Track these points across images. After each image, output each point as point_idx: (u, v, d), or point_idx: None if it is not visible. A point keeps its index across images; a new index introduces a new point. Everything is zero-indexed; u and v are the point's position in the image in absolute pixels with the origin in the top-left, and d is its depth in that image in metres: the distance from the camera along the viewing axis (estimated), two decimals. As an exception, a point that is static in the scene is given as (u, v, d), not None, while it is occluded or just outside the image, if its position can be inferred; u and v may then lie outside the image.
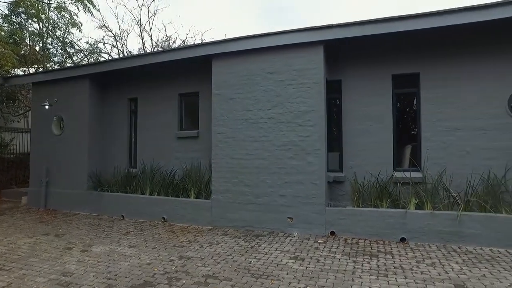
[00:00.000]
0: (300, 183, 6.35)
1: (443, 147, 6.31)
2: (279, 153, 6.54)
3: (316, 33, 6.37)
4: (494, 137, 6.04)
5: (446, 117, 6.31)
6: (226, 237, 6.20)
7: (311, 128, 6.34)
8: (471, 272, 4.38)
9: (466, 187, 5.96)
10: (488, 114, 6.09)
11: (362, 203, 6.34)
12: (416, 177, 6.32)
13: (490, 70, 6.12)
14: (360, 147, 6.73)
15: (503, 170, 5.92)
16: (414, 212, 5.80)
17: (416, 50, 6.53)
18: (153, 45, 19.67)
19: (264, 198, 6.60)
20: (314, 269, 4.55)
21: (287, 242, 5.86)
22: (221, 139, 7.02)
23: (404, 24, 5.88)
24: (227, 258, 5.03)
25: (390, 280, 4.16)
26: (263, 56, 6.76)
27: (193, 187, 7.44)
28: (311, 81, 6.40)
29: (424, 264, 4.66)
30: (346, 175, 6.77)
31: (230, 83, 7.01)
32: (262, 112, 6.70)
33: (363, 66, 6.82)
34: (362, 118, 6.76)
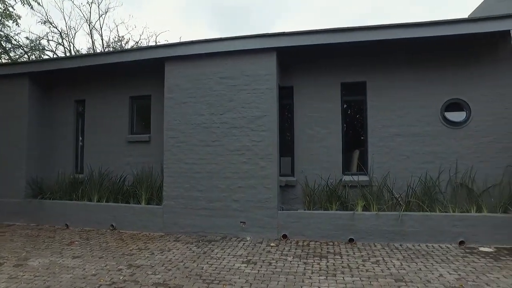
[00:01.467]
0: (253, 187, 6.41)
1: (386, 152, 6.72)
2: (232, 157, 6.55)
3: (269, 40, 6.53)
4: (429, 142, 6.57)
5: (389, 124, 6.74)
6: (178, 244, 6.07)
7: (264, 133, 6.44)
8: (409, 267, 4.71)
9: (406, 189, 6.40)
10: (423, 122, 6.61)
11: (313, 206, 6.54)
12: (363, 181, 6.66)
13: (426, 80, 6.66)
14: (311, 152, 6.96)
15: (437, 172, 6.45)
16: (361, 214, 6.11)
17: (363, 60, 6.92)
18: (104, 45, 18.86)
19: (217, 203, 6.57)
20: (266, 272, 4.61)
21: (240, 246, 5.87)
22: (174, 144, 6.89)
23: (346, 35, 6.30)
24: (178, 265, 4.93)
25: (338, 279, 4.33)
26: (217, 60, 6.77)
27: (144, 192, 7.21)
28: (264, 87, 6.52)
29: (370, 262, 4.92)
30: (297, 179, 6.95)
31: (183, 87, 6.92)
32: (215, 117, 6.69)
33: (314, 73, 7.08)
34: (313, 123, 7.00)
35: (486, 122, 6.43)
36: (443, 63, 6.62)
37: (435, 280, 4.23)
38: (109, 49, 17.87)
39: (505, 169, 6.28)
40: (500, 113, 6.39)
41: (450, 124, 6.55)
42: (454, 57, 6.59)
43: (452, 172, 6.43)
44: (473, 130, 6.46)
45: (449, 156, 6.49)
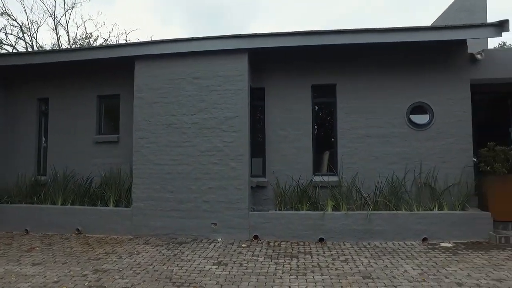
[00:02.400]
0: (224, 188, 6.38)
1: (355, 153, 6.90)
2: (203, 158, 6.50)
3: (241, 41, 6.54)
4: (396, 143, 6.81)
5: (358, 126, 6.92)
6: (148, 246, 5.93)
7: (235, 134, 6.43)
8: (376, 264, 4.86)
9: (374, 189, 6.60)
10: (391, 124, 6.85)
11: (284, 207, 6.60)
12: (333, 181, 6.79)
13: (393, 84, 6.92)
14: (282, 153, 7.02)
15: (403, 173, 6.71)
16: (331, 214, 6.23)
17: (334, 63, 7.07)
18: (71, 41, 18.12)
19: (188, 204, 6.48)
20: (237, 273, 4.59)
21: (211, 248, 5.82)
22: (143, 144, 6.73)
23: (317, 38, 6.46)
24: (148, 268, 4.82)
25: (308, 278, 4.39)
26: (188, 60, 6.70)
27: (112, 194, 6.98)
28: (236, 88, 6.51)
29: (339, 261, 5.03)
30: (269, 180, 6.99)
31: (153, 87, 6.78)
32: (186, 117, 6.61)
33: (285, 75, 7.15)
34: (284, 125, 7.06)
35: (447, 124, 6.75)
36: (409, 67, 6.90)
37: (400, 275, 4.39)
38: (76, 46, 17.17)
39: (463, 169, 6.62)
40: (459, 116, 6.74)
41: (415, 126, 6.83)
42: (419, 63, 6.88)
43: (417, 172, 6.70)
44: (436, 132, 6.77)
45: (414, 157, 6.76)
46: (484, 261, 4.93)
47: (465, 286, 4.02)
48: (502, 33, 6.15)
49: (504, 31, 6.11)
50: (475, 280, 4.21)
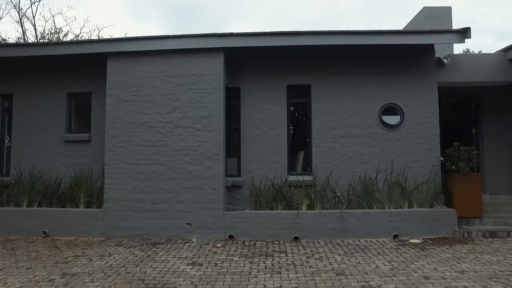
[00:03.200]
0: (199, 188, 6.33)
1: (330, 152, 7.03)
2: (177, 158, 6.41)
3: (216, 40, 6.52)
4: (369, 143, 7.00)
5: (332, 126, 7.05)
6: (120, 248, 5.78)
7: (210, 133, 6.40)
8: (349, 261, 4.97)
9: (348, 188, 6.76)
10: (364, 124, 7.03)
11: (259, 206, 6.61)
12: (307, 180, 6.88)
13: (367, 85, 7.10)
14: (257, 152, 7.04)
15: (375, 172, 6.90)
16: (305, 213, 6.31)
17: (308, 64, 7.17)
18: (38, 35, 17.34)
19: (162, 204, 6.37)
20: (211, 273, 4.56)
21: (185, 248, 5.75)
22: (116, 143, 6.56)
23: (292, 39, 6.54)
24: (119, 270, 4.69)
25: (283, 276, 4.42)
26: (163, 58, 6.59)
27: (83, 195, 6.75)
28: (211, 87, 6.48)
29: (313, 259, 5.10)
30: (244, 179, 6.99)
31: (126, 84, 6.62)
32: (160, 116, 6.50)
33: (261, 75, 7.18)
34: (259, 124, 7.09)
35: (417, 125, 7.01)
36: (381, 70, 7.11)
37: (372, 271, 4.51)
38: (44, 40, 16.41)
39: (431, 168, 6.90)
40: (428, 117, 7.02)
41: (387, 126, 7.04)
42: (391, 66, 7.10)
43: (388, 171, 6.91)
44: (406, 132, 7.01)
45: (386, 157, 6.97)
46: (449, 255, 5.18)
47: (432, 279, 4.20)
48: (465, 40, 6.50)
49: (467, 38, 6.45)
50: (441, 273, 4.42)
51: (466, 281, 4.15)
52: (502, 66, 7.41)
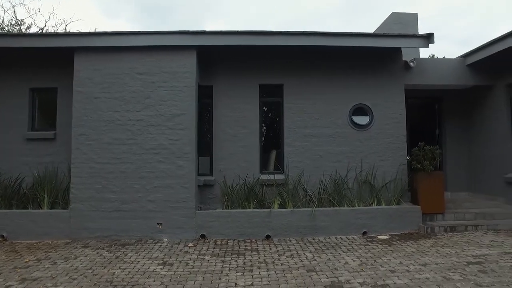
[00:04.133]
0: (170, 187, 6.23)
1: (301, 151, 7.12)
2: (148, 156, 6.28)
3: (189, 38, 6.45)
4: (339, 143, 7.16)
5: (304, 125, 7.15)
6: (87, 250, 5.57)
7: (181, 131, 6.31)
8: (320, 258, 5.06)
9: (319, 186, 6.87)
10: (335, 124, 7.19)
11: (231, 205, 6.60)
12: (279, 179, 6.94)
13: (338, 86, 7.26)
14: (230, 151, 7.02)
15: (345, 170, 7.07)
16: (277, 211, 6.36)
17: (281, 64, 7.24)
18: (-5, 26, 16.32)
19: (132, 204, 6.22)
20: (182, 273, 4.50)
21: (156, 248, 5.64)
22: (83, 142, 6.33)
23: (264, 38, 6.58)
24: (86, 273, 4.52)
25: (254, 274, 4.43)
26: (134, 55, 6.44)
27: (47, 196, 6.45)
28: (183, 85, 6.40)
29: (285, 257, 5.15)
30: (216, 178, 6.95)
31: (95, 81, 6.41)
32: (131, 114, 6.34)
33: (234, 74, 7.17)
34: (231, 123, 7.07)
35: (385, 125, 7.25)
36: (352, 71, 7.30)
37: (342, 267, 4.61)
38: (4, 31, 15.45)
39: (398, 167, 7.16)
40: (395, 118, 7.27)
41: (357, 126, 7.23)
42: (361, 67, 7.31)
43: (358, 170, 7.10)
44: (375, 132, 7.23)
45: (356, 156, 7.16)
46: (414, 249, 5.40)
47: (397, 272, 4.37)
48: (429, 45, 6.82)
49: (431, 43, 6.78)
50: (405, 266, 4.60)
51: (428, 273, 4.34)
52: (462, 71, 7.85)
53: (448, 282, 4.03)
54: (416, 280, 4.10)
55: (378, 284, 3.99)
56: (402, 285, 3.94)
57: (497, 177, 7.56)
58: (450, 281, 4.07)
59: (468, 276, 4.23)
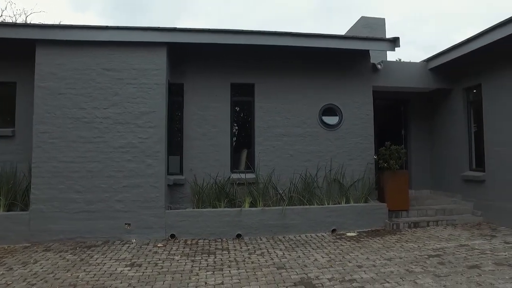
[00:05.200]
0: (139, 186, 6.08)
1: (272, 151, 7.18)
2: (116, 155, 6.09)
3: (160, 34, 6.33)
4: (309, 142, 7.28)
5: (274, 125, 7.22)
6: (49, 253, 5.31)
7: (151, 129, 6.18)
8: (290, 255, 5.12)
9: (289, 185, 6.96)
10: (305, 123, 7.30)
11: (201, 205, 6.53)
12: (250, 178, 6.95)
13: (308, 86, 7.37)
14: (200, 150, 6.96)
15: (315, 169, 7.19)
16: (248, 210, 6.37)
17: (253, 63, 7.26)
18: None
19: (99, 204, 6.00)
20: (151, 274, 4.40)
21: (124, 249, 5.48)
22: (46, 140, 6.03)
23: (235, 37, 6.56)
24: (47, 278, 4.29)
25: (224, 273, 4.41)
26: (102, 50, 6.23)
27: (4, 197, 6.09)
28: (153, 82, 6.27)
29: (255, 255, 5.16)
30: (186, 177, 6.86)
31: (59, 76, 6.14)
32: (98, 111, 6.13)
33: (205, 72, 7.11)
34: (202, 122, 7.01)
35: (354, 125, 7.46)
36: (322, 72, 7.44)
37: (311, 264, 4.69)
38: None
39: (366, 166, 7.38)
40: (364, 118, 7.50)
41: (326, 126, 7.38)
42: (331, 68, 7.47)
43: (328, 169, 7.25)
44: (344, 132, 7.42)
45: (325, 155, 7.31)
46: (380, 245, 5.59)
47: (364, 267, 4.50)
48: (395, 48, 7.09)
49: (397, 46, 7.05)
50: (372, 261, 4.75)
51: (392, 267, 4.51)
52: (425, 75, 8.25)
53: (411, 275, 4.21)
54: (382, 274, 4.24)
55: (346, 279, 4.09)
56: (368, 279, 4.07)
57: (455, 176, 8.00)
58: (412, 273, 4.25)
59: (428, 268, 4.44)
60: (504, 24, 6.19)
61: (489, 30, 6.53)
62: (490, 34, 6.51)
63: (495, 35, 6.40)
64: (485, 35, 6.63)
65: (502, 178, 6.78)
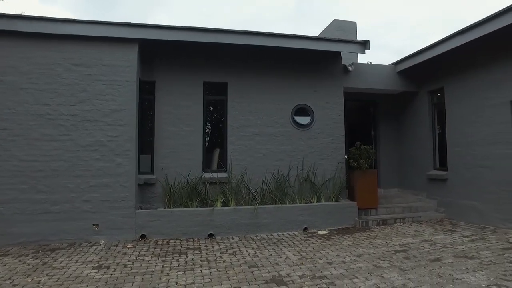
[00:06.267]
0: (108, 186, 5.89)
1: (245, 150, 7.18)
2: (83, 154, 5.87)
3: (131, 30, 6.17)
4: (281, 142, 7.35)
5: (247, 124, 7.22)
6: (7, 258, 5.00)
7: (121, 127, 6.01)
8: (262, 254, 5.14)
9: (262, 184, 6.99)
10: (278, 123, 7.37)
11: (173, 204, 6.44)
12: (222, 177, 6.92)
13: (281, 86, 7.44)
14: (172, 149, 6.85)
15: (287, 169, 7.27)
16: (220, 209, 6.33)
17: (226, 62, 7.24)
18: None
19: (64, 205, 5.76)
20: (120, 275, 4.27)
21: (91, 251, 5.29)
22: (6, 137, 5.71)
23: (207, 36, 6.48)
24: (3, 284, 4.01)
25: (196, 272, 4.36)
26: (69, 45, 5.98)
27: (-40, 198, 5.72)
28: (124, 79, 6.10)
29: (227, 254, 5.14)
30: (157, 177, 6.73)
31: (21, 70, 5.83)
32: (64, 108, 5.88)
33: (178, 70, 7.01)
34: (174, 120, 6.90)
35: (325, 125, 7.60)
36: (295, 72, 7.53)
37: (282, 262, 4.73)
38: None
39: (337, 165, 7.54)
40: (335, 118, 7.66)
41: (298, 126, 7.48)
42: (303, 69, 7.58)
43: (300, 168, 7.34)
44: (316, 132, 7.55)
45: (297, 154, 7.40)
46: (350, 242, 5.73)
47: (334, 264, 4.60)
48: (365, 51, 7.28)
49: (367, 49, 7.25)
50: (342, 258, 4.86)
51: (361, 262, 4.63)
52: (393, 77, 8.55)
53: (378, 270, 4.34)
54: (351, 270, 4.35)
55: (316, 276, 4.16)
56: (338, 275, 4.16)
57: (421, 175, 8.34)
58: (380, 268, 4.39)
59: (395, 263, 4.60)
60: (463, 32, 6.60)
61: (450, 37, 6.91)
62: (452, 41, 6.89)
63: (456, 42, 6.80)
64: (447, 42, 7.01)
65: (462, 177, 7.16)
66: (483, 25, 6.19)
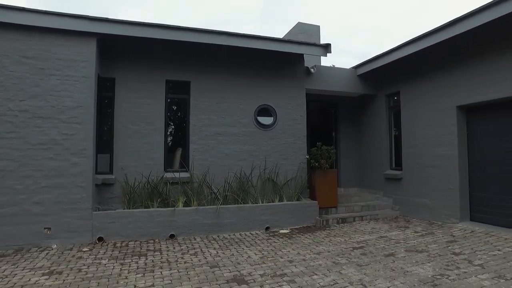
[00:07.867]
0: (62, 186, 5.59)
1: (207, 149, 7.12)
2: (34, 153, 5.52)
3: (89, 24, 5.89)
4: (244, 142, 7.38)
5: (210, 123, 7.17)
6: None
7: (77, 125, 5.73)
8: (224, 253, 5.12)
9: (224, 184, 6.97)
10: (241, 123, 7.38)
11: (133, 205, 6.24)
12: (184, 177, 6.82)
13: (244, 86, 7.47)
14: (132, 148, 6.64)
15: (250, 169, 7.31)
16: (181, 209, 6.23)
17: (189, 60, 7.14)
18: None
19: (11, 208, 5.36)
20: (73, 281, 4.06)
21: (42, 257, 4.98)
22: None
23: (166, 32, 6.33)
24: None
25: (156, 274, 4.26)
26: (19, 35, 5.59)
27: None
28: (81, 75, 5.82)
29: (188, 255, 5.07)
30: (116, 176, 6.49)
31: (-37, 62, 5.39)
32: (12, 103, 5.50)
33: (139, 67, 6.81)
34: (135, 119, 6.70)
35: (288, 126, 7.73)
36: (258, 73, 7.59)
37: (244, 261, 4.74)
38: None
39: (299, 165, 7.70)
40: (297, 119, 7.82)
41: (261, 126, 7.54)
42: (267, 70, 7.66)
43: (262, 168, 7.41)
44: (278, 132, 7.65)
45: (260, 154, 7.46)
46: (310, 240, 5.87)
47: (295, 262, 4.68)
48: (327, 54, 7.50)
49: (328, 52, 7.47)
50: (302, 256, 4.96)
51: (321, 260, 4.76)
52: (353, 80, 8.87)
53: (337, 266, 4.48)
54: (311, 267, 4.46)
55: (277, 274, 4.22)
56: (298, 273, 4.24)
57: (378, 174, 8.73)
58: (338, 265, 4.54)
59: (352, 259, 4.77)
60: (415, 41, 7.04)
61: (404, 45, 7.33)
62: (405, 48, 7.34)
63: (408, 50, 7.25)
64: (401, 49, 7.44)
65: (414, 176, 7.59)
66: (431, 36, 6.64)
